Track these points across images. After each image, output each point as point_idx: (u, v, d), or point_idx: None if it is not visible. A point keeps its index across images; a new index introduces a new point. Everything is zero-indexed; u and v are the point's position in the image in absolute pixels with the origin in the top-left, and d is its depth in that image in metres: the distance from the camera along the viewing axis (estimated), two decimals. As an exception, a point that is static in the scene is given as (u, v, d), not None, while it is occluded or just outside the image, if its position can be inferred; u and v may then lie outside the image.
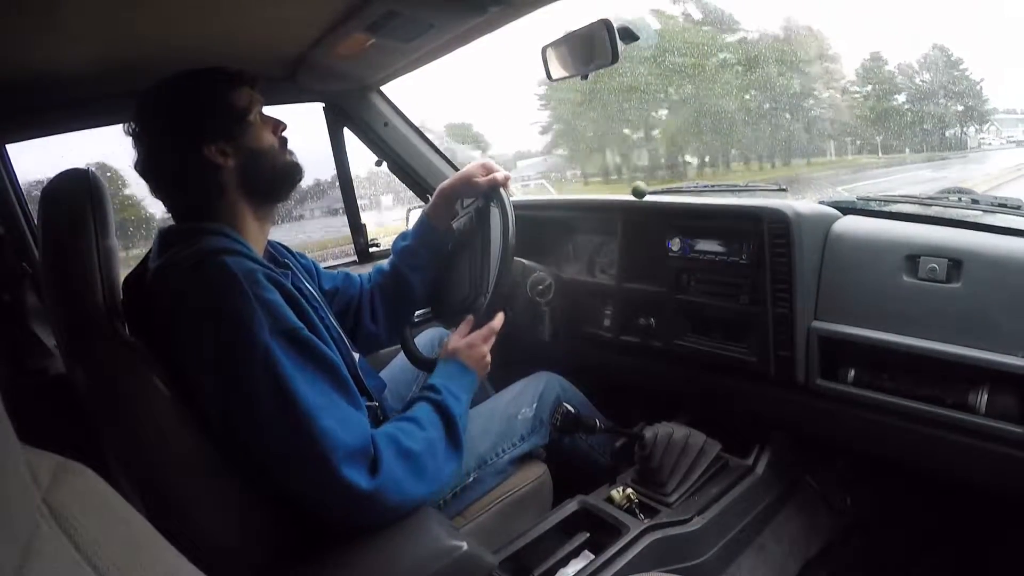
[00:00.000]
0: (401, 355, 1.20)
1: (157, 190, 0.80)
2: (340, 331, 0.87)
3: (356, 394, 0.74)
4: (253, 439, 0.67)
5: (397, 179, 1.64)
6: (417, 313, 1.15)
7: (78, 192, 0.67)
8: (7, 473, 0.30)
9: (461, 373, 0.88)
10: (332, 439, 0.66)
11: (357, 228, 1.58)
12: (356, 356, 0.89)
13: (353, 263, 1.59)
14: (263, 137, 0.81)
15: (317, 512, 0.70)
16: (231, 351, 0.66)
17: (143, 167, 0.79)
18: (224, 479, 0.69)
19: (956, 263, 0.87)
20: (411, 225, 1.15)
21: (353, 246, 1.61)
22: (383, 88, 1.50)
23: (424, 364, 1.09)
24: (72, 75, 1.02)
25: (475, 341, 0.92)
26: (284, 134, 0.85)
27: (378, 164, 1.59)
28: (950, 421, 0.86)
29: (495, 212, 1.03)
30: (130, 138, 0.79)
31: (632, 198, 1.28)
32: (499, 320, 0.96)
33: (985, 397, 0.84)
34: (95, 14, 0.80)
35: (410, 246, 1.10)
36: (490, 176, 1.04)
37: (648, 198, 1.29)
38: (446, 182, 1.10)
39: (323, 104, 1.48)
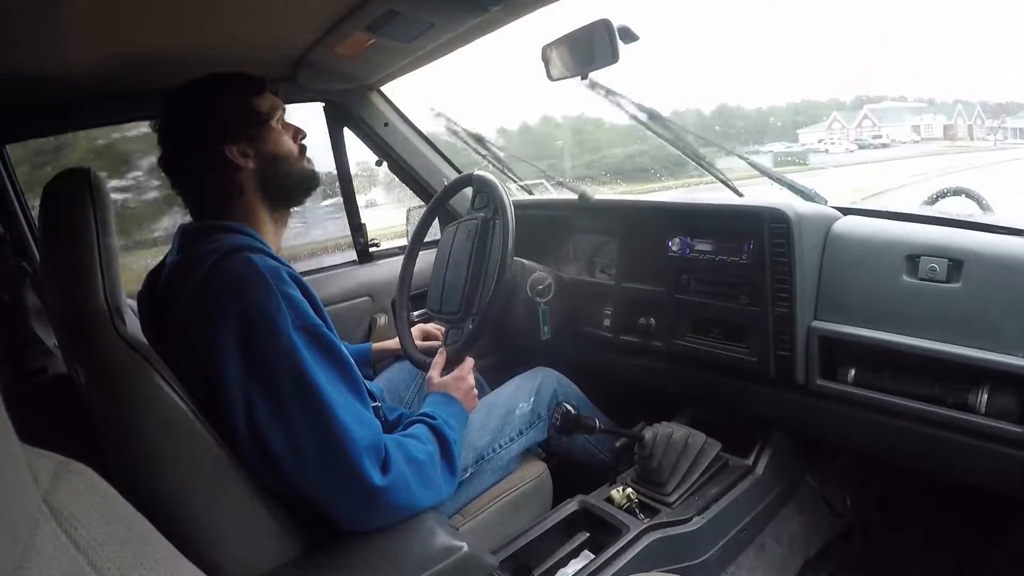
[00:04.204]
0: (399, 356, 1.21)
1: (178, 186, 0.82)
2: None
3: (367, 395, 0.75)
4: (272, 431, 0.68)
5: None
6: (416, 313, 1.15)
7: (78, 191, 0.66)
8: (7, 473, 0.30)
9: (448, 402, 0.93)
10: (350, 432, 0.68)
11: (357, 228, 1.58)
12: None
13: (353, 263, 1.58)
14: (283, 143, 0.83)
15: (326, 509, 0.70)
16: (255, 342, 0.67)
17: (166, 163, 0.82)
18: (228, 479, 0.68)
19: (956, 263, 0.87)
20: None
21: (353, 246, 1.61)
22: (383, 88, 1.50)
23: (422, 364, 1.09)
24: (72, 75, 1.02)
25: (460, 375, 0.98)
26: (304, 142, 0.87)
27: (378, 164, 1.59)
28: (950, 421, 0.86)
29: (498, 229, 1.04)
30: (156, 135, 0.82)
31: (628, 199, 1.28)
32: (470, 362, 1.01)
33: (985, 397, 0.84)
34: (95, 14, 0.80)
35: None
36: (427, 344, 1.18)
37: (647, 197, 1.29)
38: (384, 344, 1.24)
39: (323, 104, 1.48)
